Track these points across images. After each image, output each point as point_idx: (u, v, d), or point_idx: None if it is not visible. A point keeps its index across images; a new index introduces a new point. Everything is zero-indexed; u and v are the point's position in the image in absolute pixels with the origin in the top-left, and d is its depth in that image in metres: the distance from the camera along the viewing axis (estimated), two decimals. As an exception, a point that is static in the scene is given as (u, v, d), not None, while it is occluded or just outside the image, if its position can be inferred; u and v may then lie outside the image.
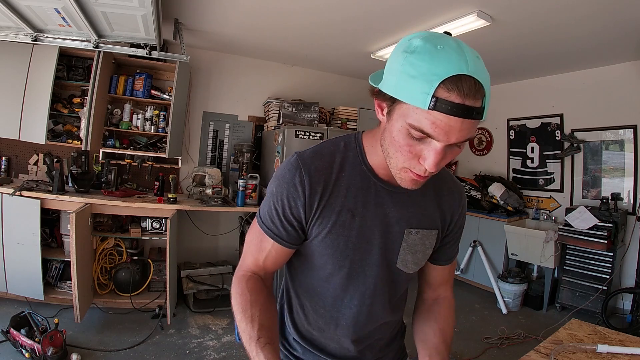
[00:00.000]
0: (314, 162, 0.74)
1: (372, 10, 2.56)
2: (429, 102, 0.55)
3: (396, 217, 0.77)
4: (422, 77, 0.55)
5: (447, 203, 0.83)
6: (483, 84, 0.57)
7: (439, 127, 0.56)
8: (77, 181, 2.87)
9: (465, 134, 0.58)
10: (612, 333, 1.15)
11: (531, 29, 2.70)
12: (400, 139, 0.61)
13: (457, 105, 0.54)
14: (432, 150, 0.59)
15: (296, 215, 0.74)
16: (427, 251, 0.83)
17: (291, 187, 0.72)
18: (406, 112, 0.59)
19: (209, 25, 3.09)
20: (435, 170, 0.62)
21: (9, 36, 2.72)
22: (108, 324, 2.73)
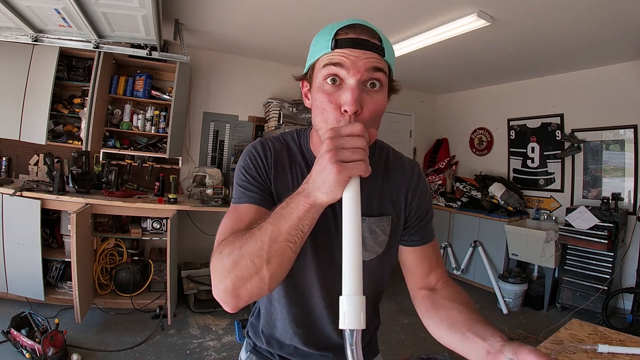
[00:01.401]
0: (273, 144, 0.80)
1: (373, 10, 2.57)
2: (331, 44, 0.64)
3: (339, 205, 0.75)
4: (324, 34, 0.66)
5: (397, 185, 0.83)
6: (376, 30, 0.66)
7: (344, 59, 0.63)
8: (78, 181, 2.87)
9: (370, 66, 0.63)
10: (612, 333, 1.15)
11: (531, 29, 2.70)
12: (320, 97, 0.66)
13: (354, 39, 0.64)
14: (348, 89, 0.63)
15: (261, 173, 0.76)
16: (379, 238, 0.80)
17: (255, 154, 0.78)
18: (318, 68, 0.67)
19: (209, 26, 3.09)
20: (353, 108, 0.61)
21: (10, 36, 2.72)
22: (108, 325, 2.73)
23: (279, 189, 0.76)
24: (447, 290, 0.80)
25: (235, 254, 0.60)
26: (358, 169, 0.53)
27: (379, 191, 0.81)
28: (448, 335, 0.72)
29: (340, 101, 0.63)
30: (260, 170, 0.76)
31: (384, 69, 0.66)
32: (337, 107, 0.64)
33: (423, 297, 0.82)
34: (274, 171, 0.77)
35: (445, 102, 5.31)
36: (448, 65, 3.80)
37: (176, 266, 3.10)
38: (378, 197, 0.81)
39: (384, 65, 0.66)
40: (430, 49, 3.15)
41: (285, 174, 0.77)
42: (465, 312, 0.71)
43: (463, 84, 4.66)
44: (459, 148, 5.00)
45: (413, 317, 3.26)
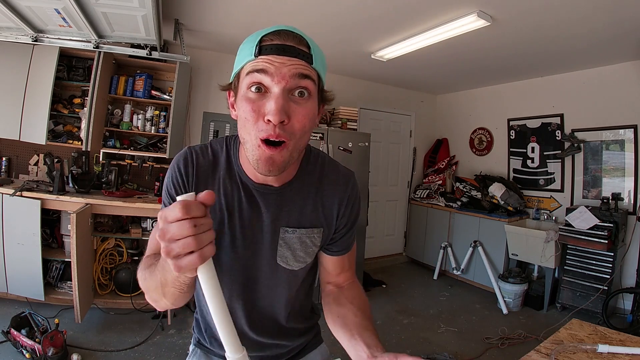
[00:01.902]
0: (197, 158, 0.77)
1: (373, 10, 2.56)
2: (255, 50, 0.61)
3: (270, 217, 0.77)
4: (249, 41, 0.64)
5: (330, 197, 0.82)
6: (304, 36, 0.64)
7: (268, 66, 0.60)
8: (78, 181, 2.87)
9: (296, 73, 0.61)
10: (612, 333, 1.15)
11: (531, 29, 2.70)
12: (244, 106, 0.62)
13: (279, 45, 0.61)
14: (272, 97, 0.61)
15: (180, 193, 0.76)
16: (309, 249, 0.82)
17: (176, 172, 0.76)
18: (242, 76, 0.64)
19: (209, 26, 3.09)
20: (278, 118, 0.59)
21: (10, 36, 2.72)
22: (108, 325, 2.73)
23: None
24: (350, 292, 0.86)
25: (144, 284, 0.69)
26: (193, 263, 0.47)
27: (312, 203, 0.81)
28: (339, 332, 0.77)
29: (265, 110, 0.61)
30: (181, 190, 0.76)
31: (311, 76, 0.63)
32: (262, 116, 0.61)
33: (329, 291, 0.89)
34: (194, 189, 0.75)
35: (445, 102, 5.31)
36: (448, 65, 3.80)
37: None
38: (311, 209, 0.81)
39: (312, 73, 0.63)
40: (430, 49, 3.15)
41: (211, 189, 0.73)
42: (360, 317, 0.77)
43: (463, 83, 4.66)
44: (459, 148, 5.00)
45: (413, 317, 3.26)
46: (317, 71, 0.65)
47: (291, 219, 0.79)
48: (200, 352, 0.95)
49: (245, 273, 0.81)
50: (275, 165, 0.64)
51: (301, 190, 0.79)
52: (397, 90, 4.95)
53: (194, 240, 0.46)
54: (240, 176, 0.77)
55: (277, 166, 0.64)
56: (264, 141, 0.62)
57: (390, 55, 3.43)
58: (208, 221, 0.48)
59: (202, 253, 0.47)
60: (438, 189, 4.69)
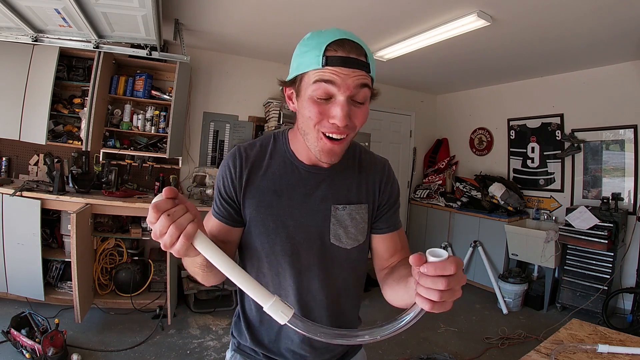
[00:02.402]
0: (247, 150, 0.86)
1: (373, 10, 2.57)
2: (322, 61, 0.68)
3: (321, 196, 0.84)
4: (313, 48, 0.70)
5: (369, 177, 0.90)
6: (362, 45, 0.72)
7: (335, 77, 0.68)
8: (78, 181, 2.87)
9: (359, 83, 0.69)
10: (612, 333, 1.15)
11: (531, 29, 2.70)
12: (309, 108, 0.71)
13: (344, 57, 0.68)
14: (337, 104, 0.69)
15: (229, 192, 0.83)
16: (359, 225, 0.87)
17: (227, 169, 0.84)
18: (308, 81, 0.71)
19: (209, 26, 3.09)
20: (343, 123, 0.69)
21: (10, 36, 2.72)
22: (108, 325, 2.73)
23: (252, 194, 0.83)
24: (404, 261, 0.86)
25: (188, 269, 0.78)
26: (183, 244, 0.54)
27: (356, 182, 0.88)
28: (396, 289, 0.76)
29: (330, 114, 0.70)
30: (230, 189, 0.83)
31: (369, 84, 0.72)
32: (326, 117, 0.71)
33: (384, 275, 0.89)
34: (246, 179, 0.83)
35: (445, 102, 5.31)
36: (448, 65, 3.80)
37: (176, 266, 3.10)
38: (356, 188, 0.88)
39: (369, 81, 0.72)
40: (430, 49, 3.15)
41: (258, 176, 0.84)
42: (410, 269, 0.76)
43: (463, 83, 4.66)
44: (459, 148, 5.00)
45: (413, 317, 3.26)
46: (372, 77, 0.73)
47: (340, 196, 0.86)
48: (240, 357, 0.94)
49: (299, 254, 0.83)
50: (336, 155, 0.76)
51: (345, 172, 0.88)
52: (397, 90, 4.95)
53: (174, 227, 0.53)
54: (291, 160, 0.85)
55: (337, 155, 0.76)
56: (326, 136, 0.72)
57: (390, 55, 3.43)
58: (179, 208, 0.55)
59: (185, 233, 0.54)
60: (438, 189, 4.69)
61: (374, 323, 0.76)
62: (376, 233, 0.92)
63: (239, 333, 0.95)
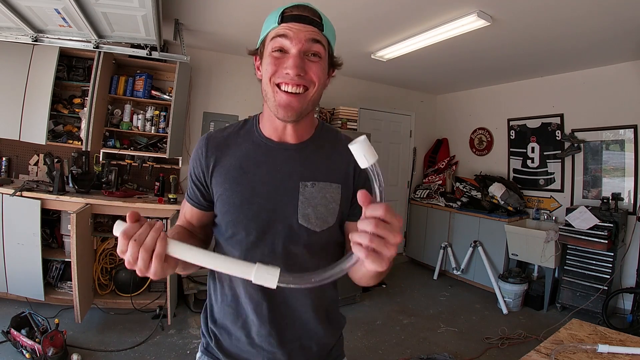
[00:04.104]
0: (215, 134, 0.89)
1: (373, 10, 2.56)
2: (278, 19, 0.75)
3: (289, 172, 0.83)
4: (273, 14, 0.77)
5: (345, 158, 0.86)
6: (317, 9, 0.78)
7: (288, 31, 0.74)
8: (78, 181, 2.87)
9: (310, 37, 0.74)
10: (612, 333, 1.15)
11: (531, 29, 2.70)
12: (267, 63, 0.76)
13: (296, 15, 0.75)
14: (290, 56, 0.74)
15: (198, 175, 0.86)
16: (330, 205, 0.82)
17: (195, 153, 0.88)
18: (267, 41, 0.77)
19: (209, 26, 3.09)
20: (295, 71, 0.72)
21: (9, 36, 2.72)
22: (108, 325, 2.73)
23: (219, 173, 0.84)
24: None
25: None
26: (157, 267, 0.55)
27: (327, 162, 0.86)
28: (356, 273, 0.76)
29: (285, 65, 0.74)
30: (198, 171, 0.86)
31: (322, 41, 0.76)
32: (282, 69, 0.75)
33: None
34: (213, 161, 0.85)
35: (445, 102, 5.31)
36: (448, 65, 3.80)
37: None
38: (327, 167, 0.85)
39: (323, 39, 0.77)
40: (430, 49, 3.15)
41: (225, 156, 0.85)
42: None
43: (463, 84, 4.66)
44: (459, 148, 5.00)
45: (413, 317, 3.26)
46: (327, 38, 0.78)
47: (308, 173, 0.83)
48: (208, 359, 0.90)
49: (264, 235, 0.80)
50: (293, 110, 0.76)
51: (317, 150, 0.87)
52: (397, 90, 4.95)
53: (143, 251, 0.54)
54: (259, 138, 0.86)
55: (295, 111, 0.76)
56: (280, 88, 0.75)
57: (390, 55, 3.43)
58: (143, 229, 0.56)
59: (156, 255, 0.55)
60: (438, 189, 4.69)
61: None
62: (353, 220, 0.85)
63: (205, 326, 0.92)
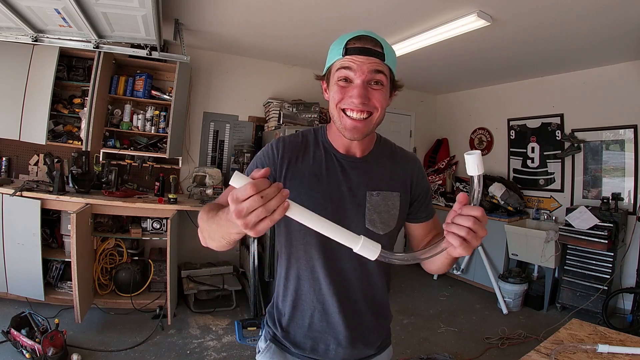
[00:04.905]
0: (289, 138, 0.95)
1: (373, 10, 2.56)
2: (342, 52, 0.82)
3: (357, 183, 0.92)
4: (337, 44, 0.84)
5: (402, 169, 0.99)
6: (378, 38, 0.83)
7: (352, 64, 0.81)
8: (78, 181, 2.87)
9: (373, 69, 0.80)
10: (612, 333, 1.15)
11: (531, 29, 2.70)
12: (334, 90, 0.84)
13: (360, 47, 0.81)
14: (354, 86, 0.81)
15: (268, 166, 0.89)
16: (392, 211, 0.94)
17: (269, 150, 0.93)
18: (333, 70, 0.84)
19: (209, 26, 3.09)
20: (359, 100, 0.79)
21: (10, 36, 2.72)
22: (108, 325, 2.73)
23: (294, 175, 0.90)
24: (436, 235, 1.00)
25: (202, 224, 0.79)
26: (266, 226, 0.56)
27: (389, 172, 0.97)
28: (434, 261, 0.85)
29: (349, 94, 0.81)
30: (270, 164, 0.90)
31: (384, 71, 0.82)
32: (347, 97, 0.82)
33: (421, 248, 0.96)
34: (287, 162, 0.90)
35: (445, 102, 5.31)
36: (448, 65, 3.80)
37: (176, 266, 3.10)
38: (389, 176, 0.96)
39: (385, 68, 0.83)
40: (430, 49, 3.15)
41: (299, 161, 0.92)
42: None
43: (463, 84, 4.66)
44: (459, 148, 5.00)
45: (413, 317, 3.26)
46: (389, 66, 0.84)
47: (374, 183, 0.93)
48: (275, 348, 0.97)
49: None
50: (359, 132, 0.84)
51: (379, 161, 0.97)
52: (397, 90, 4.94)
53: (263, 209, 0.54)
54: (329, 149, 0.94)
55: (360, 133, 0.84)
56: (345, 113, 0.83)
57: (390, 55, 3.43)
58: (272, 189, 0.55)
59: (272, 218, 0.55)
60: (438, 189, 4.69)
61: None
62: (416, 222, 1.01)
63: (273, 324, 0.98)
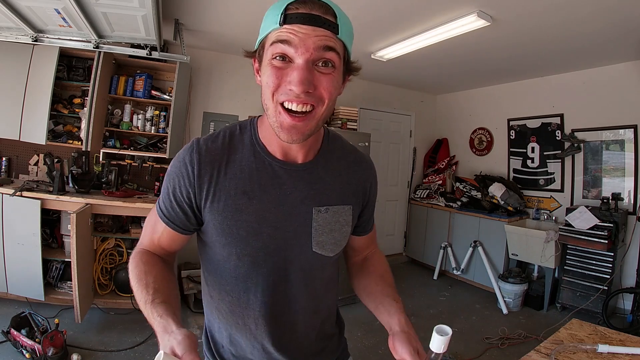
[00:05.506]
0: (207, 144, 0.72)
1: (372, 10, 2.56)
2: (280, 19, 0.59)
3: (300, 197, 0.73)
4: (274, 8, 0.61)
5: (357, 175, 0.81)
6: (330, 4, 0.62)
7: (292, 36, 0.58)
8: (78, 181, 2.87)
9: (321, 45, 0.59)
10: (612, 333, 1.15)
11: (531, 29, 2.70)
12: (267, 74, 0.62)
13: (304, 14, 0.58)
14: (295, 68, 0.60)
15: (185, 195, 0.70)
16: (343, 229, 0.78)
17: (182, 166, 0.71)
18: (267, 44, 0.62)
19: (209, 26, 3.09)
20: (301, 88, 0.58)
21: (10, 36, 2.72)
22: (108, 325, 2.73)
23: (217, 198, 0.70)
24: (372, 260, 0.91)
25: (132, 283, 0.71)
26: None
27: (339, 181, 0.78)
28: (366, 301, 0.83)
29: (288, 79, 0.60)
30: (186, 191, 0.70)
31: (336, 48, 0.61)
32: (285, 83, 0.61)
33: (354, 264, 0.93)
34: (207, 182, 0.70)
35: (445, 102, 5.31)
36: (448, 65, 3.80)
37: (176, 266, 3.09)
38: (340, 187, 0.78)
39: (338, 44, 0.61)
40: (430, 49, 3.15)
41: (222, 175, 0.70)
42: (381, 285, 0.82)
43: (463, 84, 4.65)
44: (459, 148, 5.00)
45: (413, 317, 3.26)
46: (342, 42, 0.63)
47: (322, 197, 0.75)
48: None
49: (274, 266, 0.73)
50: (299, 134, 0.63)
51: (327, 168, 0.77)
52: (397, 90, 4.95)
53: None
54: (262, 154, 0.72)
55: (300, 134, 0.64)
56: (284, 107, 0.62)
57: (390, 55, 3.43)
58: None
59: None
60: (438, 189, 4.69)
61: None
62: (359, 235, 0.88)
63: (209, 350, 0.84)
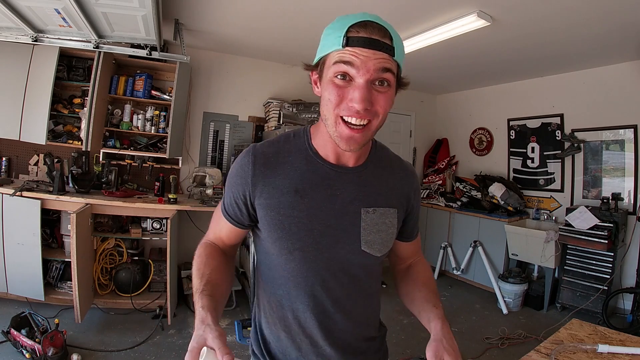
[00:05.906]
0: (263, 148, 0.80)
1: (372, 10, 2.55)
2: (342, 41, 0.65)
3: (349, 198, 0.78)
4: (336, 29, 0.67)
5: (400, 182, 0.86)
6: (388, 28, 0.68)
7: (354, 59, 0.65)
8: (78, 181, 2.87)
9: (380, 67, 0.65)
10: (612, 333, 1.15)
11: (531, 29, 2.70)
12: (329, 90, 0.68)
13: (365, 38, 0.65)
14: (356, 87, 0.66)
15: (241, 193, 0.78)
16: (390, 230, 0.82)
17: (239, 167, 0.79)
18: (329, 63, 0.68)
19: (209, 26, 3.09)
20: (361, 106, 0.65)
21: (10, 36, 2.72)
22: (108, 325, 2.73)
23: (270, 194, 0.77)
24: (416, 268, 0.95)
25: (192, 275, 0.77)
26: None
27: (386, 185, 0.84)
28: (410, 306, 0.91)
29: (349, 96, 0.67)
30: (243, 189, 0.78)
31: (392, 69, 0.67)
32: (345, 100, 0.67)
33: (399, 271, 0.99)
34: (262, 180, 0.77)
35: (445, 102, 5.30)
36: (448, 65, 3.80)
37: (176, 266, 3.09)
38: (386, 191, 0.83)
39: (393, 65, 0.67)
40: (430, 49, 3.15)
41: (276, 175, 0.77)
42: (423, 291, 0.87)
43: (463, 84, 4.65)
44: (459, 148, 5.00)
45: (413, 317, 3.24)
46: (397, 62, 0.69)
47: (370, 199, 0.80)
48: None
49: (324, 262, 0.77)
50: (356, 143, 0.70)
51: (375, 173, 0.83)
52: (397, 90, 4.94)
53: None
54: (314, 157, 0.79)
55: (357, 144, 0.70)
56: (343, 120, 0.68)
57: (390, 55, 3.42)
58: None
59: None
60: (438, 189, 4.68)
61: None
62: (405, 240, 0.93)
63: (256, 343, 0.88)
